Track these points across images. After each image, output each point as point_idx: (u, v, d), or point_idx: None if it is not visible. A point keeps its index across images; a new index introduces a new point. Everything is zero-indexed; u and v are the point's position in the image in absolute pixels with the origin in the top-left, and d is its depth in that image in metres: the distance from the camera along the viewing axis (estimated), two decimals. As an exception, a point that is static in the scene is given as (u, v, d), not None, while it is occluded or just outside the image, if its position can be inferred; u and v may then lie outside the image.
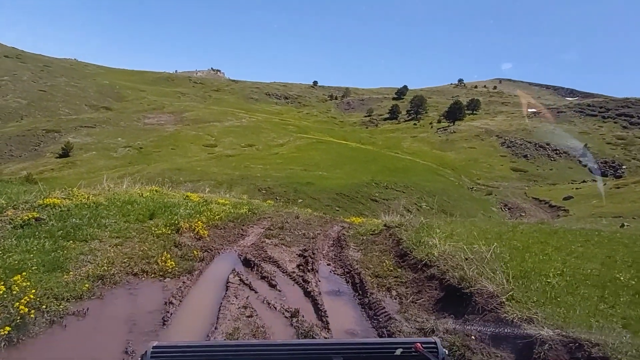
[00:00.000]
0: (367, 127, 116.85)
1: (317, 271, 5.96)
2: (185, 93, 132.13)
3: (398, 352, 1.41)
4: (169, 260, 5.58)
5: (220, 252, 6.71)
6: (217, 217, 8.34)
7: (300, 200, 33.47)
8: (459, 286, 4.32)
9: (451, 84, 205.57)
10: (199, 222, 7.38)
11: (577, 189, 50.01)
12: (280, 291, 5.22)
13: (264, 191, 34.58)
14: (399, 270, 5.73)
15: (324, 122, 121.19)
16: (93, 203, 7.70)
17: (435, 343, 1.45)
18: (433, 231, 6.36)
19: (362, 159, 55.80)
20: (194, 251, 6.29)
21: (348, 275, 5.91)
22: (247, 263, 6.19)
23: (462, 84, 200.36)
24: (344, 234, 8.63)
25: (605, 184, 51.15)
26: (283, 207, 15.62)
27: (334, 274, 6.07)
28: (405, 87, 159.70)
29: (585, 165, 76.34)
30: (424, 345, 1.41)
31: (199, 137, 66.03)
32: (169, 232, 6.85)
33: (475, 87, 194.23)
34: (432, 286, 4.79)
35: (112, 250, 5.81)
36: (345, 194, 35.89)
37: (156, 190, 9.01)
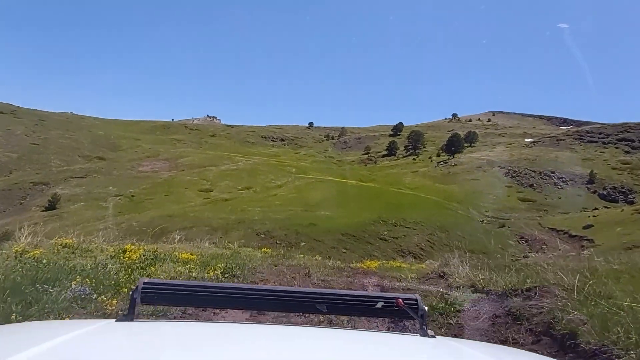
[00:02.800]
0: (365, 165, 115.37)
1: None
2: (181, 140, 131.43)
3: (379, 305, 1.44)
4: None
5: None
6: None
7: (302, 244, 30.55)
8: None
9: (445, 118, 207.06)
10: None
11: (594, 216, 47.22)
12: None
13: (262, 235, 31.70)
14: None
15: (322, 161, 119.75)
16: None
17: (416, 300, 1.45)
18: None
19: (365, 196, 53.20)
20: None
21: None
22: None
23: (457, 118, 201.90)
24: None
25: (622, 210, 48.46)
26: (284, 255, 12.68)
27: None
28: (400, 123, 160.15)
29: (594, 192, 73.96)
30: (405, 301, 1.43)
31: (194, 182, 63.67)
32: None
33: (470, 120, 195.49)
34: None
35: None
36: (351, 234, 33.02)
37: (65, 246, 5.98)
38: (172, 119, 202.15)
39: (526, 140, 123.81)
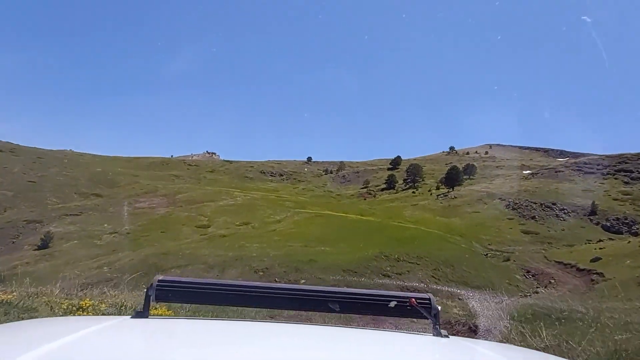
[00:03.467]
0: (365, 199, 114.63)
1: None
2: (180, 176, 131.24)
3: (392, 304, 1.44)
4: None
5: None
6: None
7: (302, 281, 29.33)
8: None
9: (443, 151, 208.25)
10: None
11: (600, 249, 46.09)
12: None
13: (261, 272, 30.48)
14: None
15: (321, 196, 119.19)
16: None
17: (429, 299, 1.46)
18: None
19: (365, 230, 52.12)
20: None
21: None
22: None
23: (454, 151, 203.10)
24: None
25: (629, 242, 47.42)
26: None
27: None
28: (398, 157, 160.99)
29: (597, 224, 72.97)
30: (418, 301, 1.44)
31: (191, 219, 62.63)
32: None
33: (467, 153, 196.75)
34: None
35: None
36: (353, 270, 31.81)
37: (1, 303, 4.45)
38: (172, 155, 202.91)
39: (524, 172, 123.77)
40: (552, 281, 35.13)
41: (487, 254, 48.84)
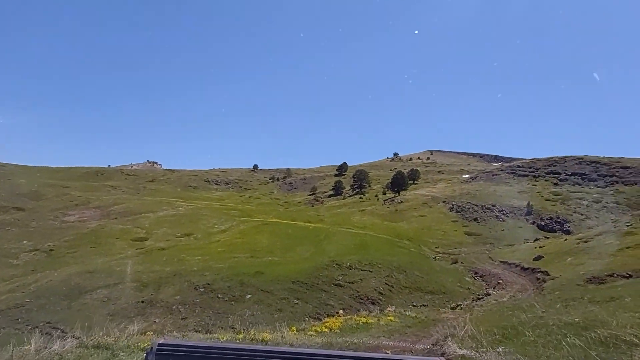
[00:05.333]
0: (312, 206, 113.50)
1: None
2: (117, 186, 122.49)
3: None
4: None
5: None
6: None
7: (248, 296, 27.01)
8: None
9: (387, 158, 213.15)
10: None
11: (540, 247, 47.83)
12: None
13: (201, 289, 27.65)
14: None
15: (268, 204, 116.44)
16: None
17: None
18: None
19: (314, 238, 50.54)
20: None
21: None
22: None
23: (398, 157, 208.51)
24: None
25: (565, 240, 49.66)
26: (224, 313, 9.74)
27: None
28: (345, 163, 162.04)
29: (533, 223, 76.81)
30: None
31: (126, 231, 57.62)
32: None
33: (410, 159, 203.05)
34: None
35: None
36: (303, 281, 29.91)
37: None
38: (109, 165, 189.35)
39: (464, 176, 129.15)
40: (500, 281, 35.38)
41: (435, 257, 49.03)
